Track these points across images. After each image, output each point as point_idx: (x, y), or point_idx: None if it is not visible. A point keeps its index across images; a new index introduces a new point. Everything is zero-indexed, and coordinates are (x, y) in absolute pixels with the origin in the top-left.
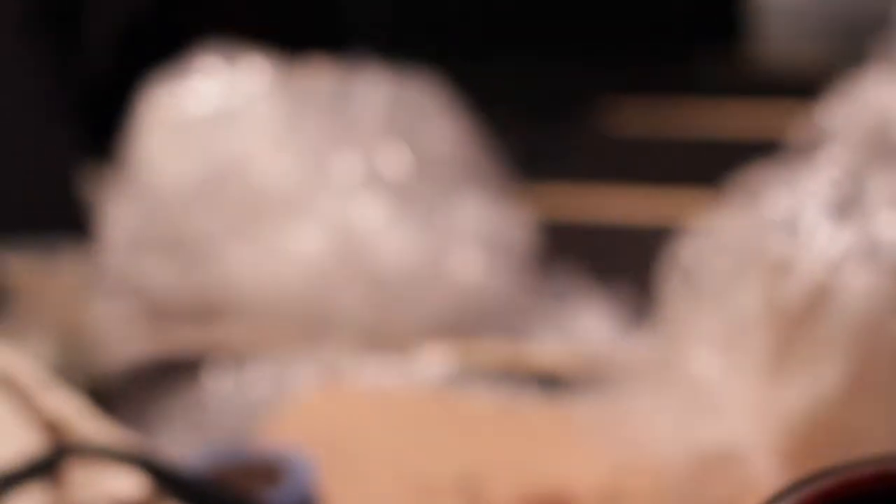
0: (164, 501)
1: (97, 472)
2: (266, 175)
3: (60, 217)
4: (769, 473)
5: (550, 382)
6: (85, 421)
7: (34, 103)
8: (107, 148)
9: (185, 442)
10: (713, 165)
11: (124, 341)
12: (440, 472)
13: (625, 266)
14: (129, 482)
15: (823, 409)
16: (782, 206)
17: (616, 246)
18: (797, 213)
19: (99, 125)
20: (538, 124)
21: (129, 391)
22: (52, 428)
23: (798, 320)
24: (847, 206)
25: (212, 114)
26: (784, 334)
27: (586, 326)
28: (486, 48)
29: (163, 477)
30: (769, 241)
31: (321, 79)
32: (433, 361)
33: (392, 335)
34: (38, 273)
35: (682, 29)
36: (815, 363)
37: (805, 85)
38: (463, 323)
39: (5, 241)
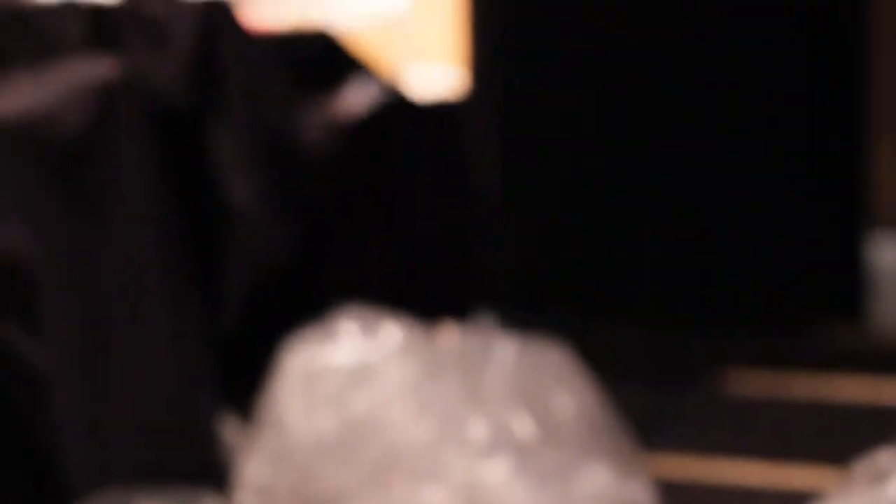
0: None
1: None
2: (397, 433)
3: (199, 467)
4: None
5: None
6: None
7: (176, 357)
8: (246, 402)
9: None
10: (832, 436)
11: None
12: None
13: None
14: None
15: None
16: None
17: None
18: None
19: (239, 380)
20: (661, 391)
21: None
22: None
23: None
24: None
25: (347, 373)
26: None
27: None
28: (612, 316)
29: None
30: None
31: (452, 342)
32: None
33: None
34: None
35: (803, 300)
36: None
37: None
38: None
39: (145, 487)
